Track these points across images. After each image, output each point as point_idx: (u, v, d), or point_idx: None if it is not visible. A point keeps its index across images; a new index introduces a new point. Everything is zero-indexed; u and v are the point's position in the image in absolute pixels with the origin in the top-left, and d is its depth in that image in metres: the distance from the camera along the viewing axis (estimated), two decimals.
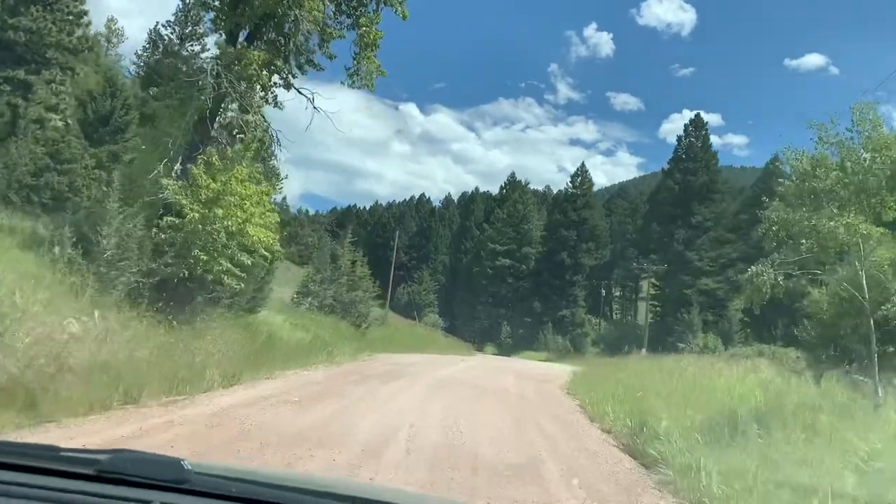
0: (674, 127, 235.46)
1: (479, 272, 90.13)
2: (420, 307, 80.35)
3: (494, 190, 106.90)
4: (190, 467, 1.62)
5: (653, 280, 73.21)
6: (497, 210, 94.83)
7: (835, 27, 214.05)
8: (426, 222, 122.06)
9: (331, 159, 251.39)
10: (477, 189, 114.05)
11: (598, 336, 74.20)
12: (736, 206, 70.56)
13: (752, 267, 13.78)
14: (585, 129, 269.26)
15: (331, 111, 17.19)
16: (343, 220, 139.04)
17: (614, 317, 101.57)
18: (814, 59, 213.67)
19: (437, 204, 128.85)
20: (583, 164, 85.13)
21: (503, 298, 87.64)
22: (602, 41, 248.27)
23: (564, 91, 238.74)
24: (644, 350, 57.52)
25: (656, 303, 71.44)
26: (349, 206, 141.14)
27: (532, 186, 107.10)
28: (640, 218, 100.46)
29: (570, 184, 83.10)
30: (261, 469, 5.10)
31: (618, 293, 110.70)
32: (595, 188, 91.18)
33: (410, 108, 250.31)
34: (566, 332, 73.73)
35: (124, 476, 1.59)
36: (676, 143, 69.19)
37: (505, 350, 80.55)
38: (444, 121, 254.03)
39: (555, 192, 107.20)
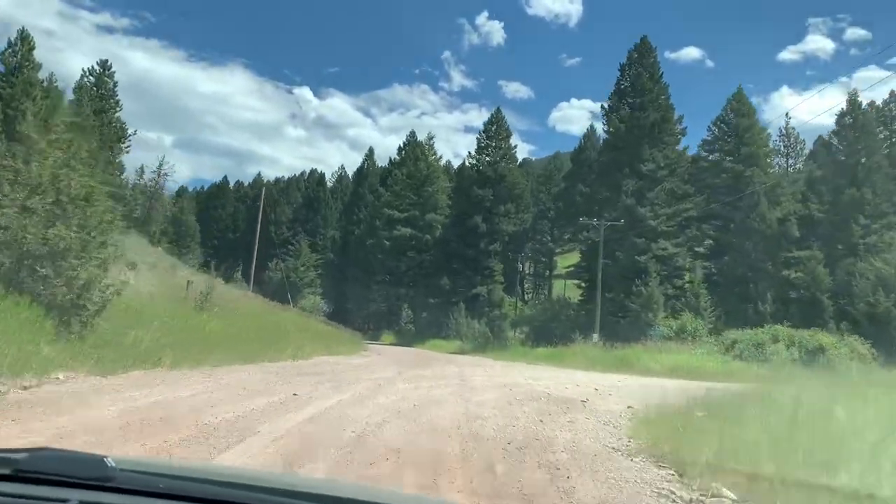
0: (562, 115, 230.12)
1: (373, 245, 73.79)
2: (297, 287, 62.92)
3: None
4: (114, 464, 1.53)
5: (582, 248, 58.85)
6: (395, 172, 78.59)
7: (712, 20, 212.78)
8: (314, 193, 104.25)
9: (221, 143, 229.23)
10: (374, 161, 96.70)
11: (518, 319, 59.22)
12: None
13: None
14: (479, 117, 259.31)
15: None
16: (219, 193, 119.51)
17: (526, 297, 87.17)
18: (691, 52, 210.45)
19: (331, 184, 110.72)
20: (498, 110, 69.82)
21: (403, 276, 71.69)
22: (493, 30, 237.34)
23: (458, 79, 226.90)
24: (596, 336, 42.82)
25: (579, 280, 57.18)
26: (231, 182, 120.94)
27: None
28: (558, 184, 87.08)
29: (482, 134, 67.56)
30: (188, 463, 4.13)
31: (529, 271, 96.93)
32: None
33: (305, 92, 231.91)
34: (481, 314, 58.37)
35: (43, 475, 1.53)
36: (619, 73, 54.70)
37: (406, 339, 64.58)
38: (339, 105, 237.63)
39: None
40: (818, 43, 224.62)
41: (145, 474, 1.59)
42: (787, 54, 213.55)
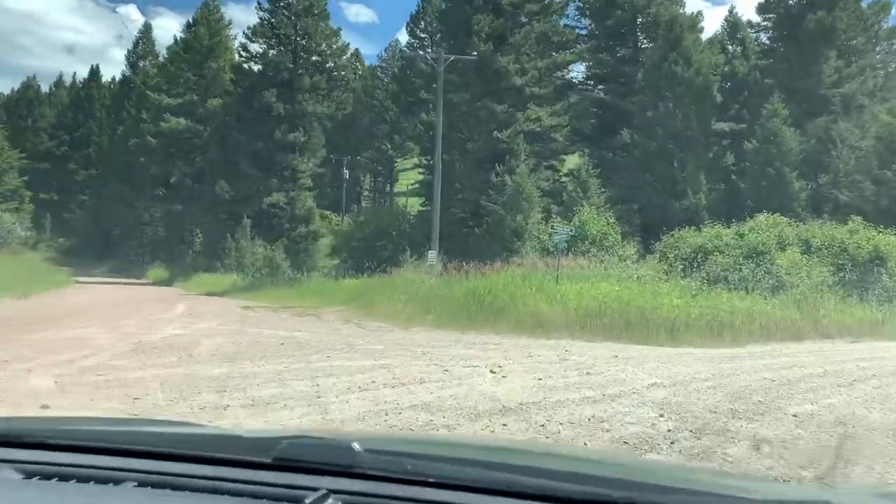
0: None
1: (137, 146, 52.75)
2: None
3: None
4: (359, 448, 1.49)
5: (425, 140, 40.88)
6: (174, 47, 57.14)
7: None
8: (86, 92, 79.72)
9: (37, 67, 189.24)
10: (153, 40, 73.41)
11: (340, 239, 41.15)
12: None
13: None
14: None
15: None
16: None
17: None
18: None
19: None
20: None
21: (179, 187, 51.50)
22: None
23: None
24: (433, 255, 25.46)
25: (420, 181, 40.82)
26: None
27: None
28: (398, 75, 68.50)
29: None
30: (434, 437, 4.14)
31: (367, 186, 78.89)
32: None
33: (131, 10, 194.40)
34: (279, 232, 39.79)
35: (297, 463, 1.51)
36: None
37: (182, 272, 44.91)
38: (170, 26, 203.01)
39: None
40: None
41: (391, 454, 1.55)
42: None
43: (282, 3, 44.61)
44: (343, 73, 49.35)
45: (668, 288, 15.72)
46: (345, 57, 47.92)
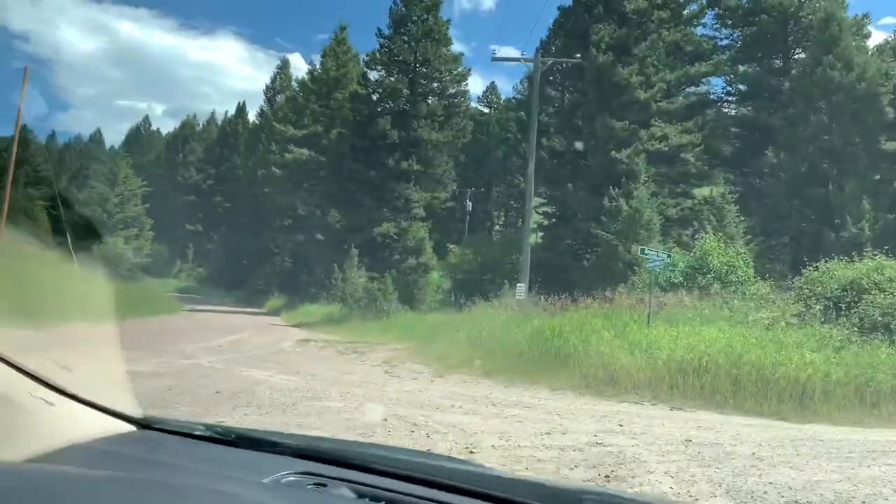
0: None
1: (264, 177, 53.29)
2: (109, 226, 41.94)
3: None
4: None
5: (547, 164, 37.15)
6: (304, 79, 57.75)
7: None
8: (231, 127, 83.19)
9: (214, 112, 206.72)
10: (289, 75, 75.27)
11: (450, 270, 38.41)
12: None
13: None
14: None
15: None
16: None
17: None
18: None
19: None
20: None
21: (301, 216, 51.27)
22: None
23: None
24: (523, 288, 22.12)
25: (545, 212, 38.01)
26: None
27: None
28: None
29: (398, 4, 45.88)
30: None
31: (499, 221, 76.06)
32: None
33: (295, 59, 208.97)
34: (389, 264, 37.71)
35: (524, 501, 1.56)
36: None
37: (295, 301, 44.03)
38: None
39: None
40: None
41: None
42: None
43: (402, 30, 43.23)
44: (463, 99, 46.95)
45: (800, 337, 11.47)
46: (464, 83, 45.44)
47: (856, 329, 11.75)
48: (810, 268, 15.12)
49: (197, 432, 1.96)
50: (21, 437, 1.61)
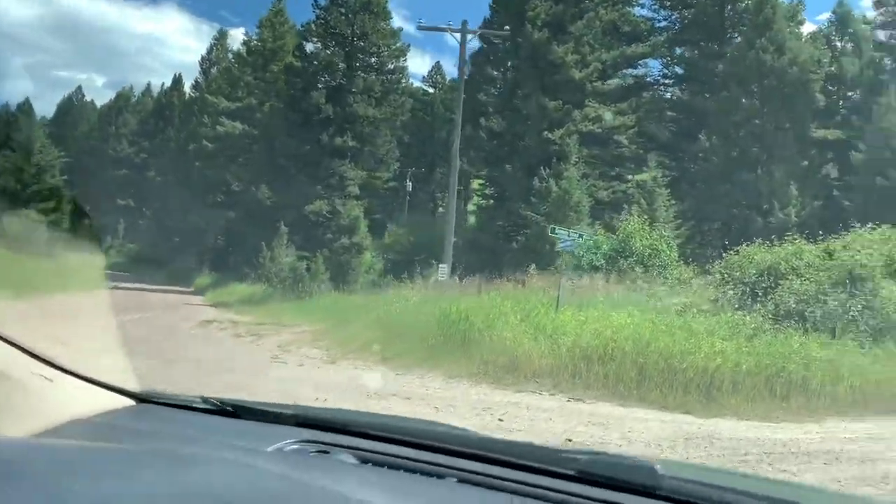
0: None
1: (195, 151, 51.34)
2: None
3: None
4: (663, 472, 1.50)
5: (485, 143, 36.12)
6: (240, 50, 55.66)
7: None
8: (167, 99, 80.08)
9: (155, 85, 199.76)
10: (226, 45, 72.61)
11: (385, 249, 37.43)
12: None
13: None
14: None
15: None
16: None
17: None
18: None
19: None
20: None
21: (233, 192, 49.55)
22: None
23: None
24: (445, 269, 21.40)
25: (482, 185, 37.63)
26: None
27: None
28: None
29: None
30: (734, 473, 3.37)
31: (443, 201, 75.21)
32: None
33: (240, 33, 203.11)
34: (321, 242, 36.50)
35: (599, 478, 1.54)
36: None
37: (222, 282, 42.44)
38: None
39: None
40: None
41: (694, 483, 1.53)
42: None
43: (339, 1, 41.75)
44: (401, 76, 45.75)
45: (712, 324, 10.92)
46: (403, 59, 44.17)
47: (770, 316, 11.23)
48: (731, 252, 14.66)
49: (196, 405, 2.00)
50: (23, 414, 1.64)
